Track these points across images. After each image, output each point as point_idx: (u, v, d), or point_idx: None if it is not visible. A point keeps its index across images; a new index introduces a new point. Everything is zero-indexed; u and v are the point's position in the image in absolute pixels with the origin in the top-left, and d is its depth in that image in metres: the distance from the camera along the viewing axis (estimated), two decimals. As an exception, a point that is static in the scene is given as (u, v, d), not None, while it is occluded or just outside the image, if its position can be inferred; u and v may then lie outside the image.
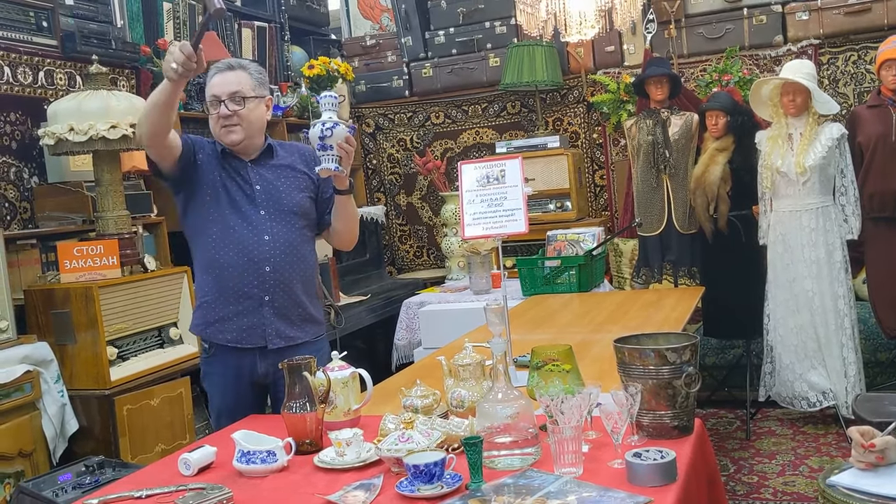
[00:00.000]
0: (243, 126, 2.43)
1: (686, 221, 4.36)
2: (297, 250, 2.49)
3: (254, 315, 2.43)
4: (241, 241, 2.42)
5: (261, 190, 2.47)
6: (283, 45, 5.51)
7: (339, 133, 2.28)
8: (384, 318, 5.03)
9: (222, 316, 2.45)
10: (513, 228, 2.45)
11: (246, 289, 2.43)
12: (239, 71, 2.45)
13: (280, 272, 2.45)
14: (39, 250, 3.52)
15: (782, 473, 3.70)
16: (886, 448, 1.95)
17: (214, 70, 2.47)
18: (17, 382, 3.02)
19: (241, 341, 2.45)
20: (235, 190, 2.46)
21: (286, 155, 2.57)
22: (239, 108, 2.41)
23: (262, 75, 2.51)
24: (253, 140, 2.49)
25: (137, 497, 1.77)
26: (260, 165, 2.51)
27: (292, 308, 2.49)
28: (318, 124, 2.29)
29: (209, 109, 2.46)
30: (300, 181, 2.55)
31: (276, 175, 2.52)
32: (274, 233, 2.45)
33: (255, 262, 2.42)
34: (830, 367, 3.96)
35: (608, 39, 5.23)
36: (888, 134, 4.03)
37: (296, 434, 1.96)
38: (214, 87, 2.43)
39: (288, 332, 2.48)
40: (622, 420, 1.71)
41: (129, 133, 3.37)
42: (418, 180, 6.00)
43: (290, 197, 2.51)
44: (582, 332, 3.15)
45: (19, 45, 3.68)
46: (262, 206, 2.46)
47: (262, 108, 2.49)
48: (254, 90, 2.45)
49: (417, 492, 1.62)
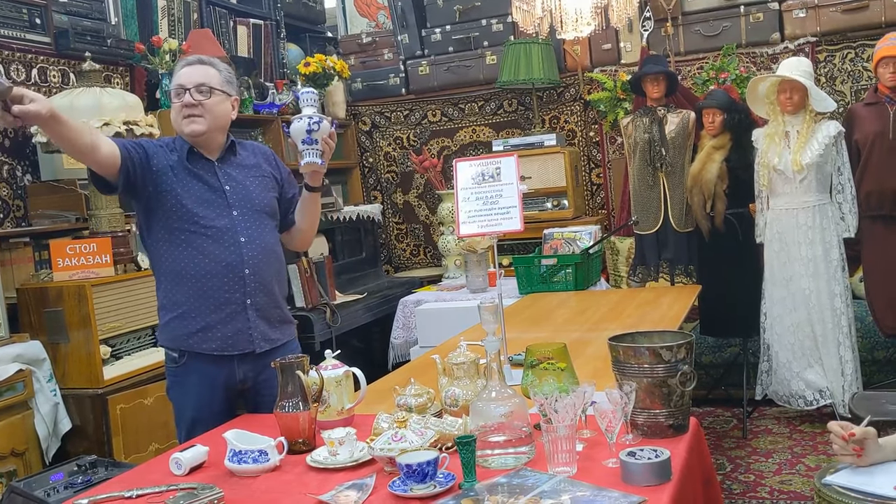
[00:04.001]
0: (206, 118, 2.34)
1: (683, 220, 4.35)
2: (272, 251, 2.44)
3: (238, 320, 2.36)
4: (216, 245, 2.33)
5: (231, 190, 2.39)
6: (279, 43, 5.49)
7: (325, 128, 2.27)
8: (381, 317, 5.02)
9: (205, 325, 2.34)
10: (508, 226, 2.44)
11: (227, 294, 2.34)
12: (208, 66, 2.39)
13: (259, 274, 2.38)
14: (32, 248, 3.51)
15: (779, 472, 3.69)
16: (866, 439, 1.96)
17: (183, 63, 2.41)
18: (10, 381, 3.01)
19: (226, 349, 2.36)
20: (204, 192, 2.37)
21: (249, 154, 2.50)
22: (204, 99, 2.34)
23: (230, 75, 2.45)
24: (215, 136, 2.40)
25: (128, 497, 1.75)
26: (226, 164, 2.43)
27: (272, 310, 2.44)
28: (305, 119, 2.26)
29: (173, 99, 2.38)
30: (267, 182, 2.49)
31: (244, 175, 2.45)
32: (249, 234, 2.38)
33: (234, 266, 2.34)
34: (827, 365, 3.95)
35: (605, 37, 5.22)
36: (885, 132, 4.02)
37: (288, 433, 1.95)
38: (181, 76, 2.36)
39: (271, 334, 2.43)
40: (616, 419, 1.70)
41: (122, 130, 3.35)
42: (415, 178, 5.99)
43: (261, 197, 2.45)
44: (578, 330, 3.13)
45: (12, 43, 3.66)
46: (235, 207, 2.39)
47: (228, 105, 2.41)
48: (221, 85, 2.39)
49: (410, 491, 1.60)
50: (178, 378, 2.41)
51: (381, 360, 4.88)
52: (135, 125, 3.42)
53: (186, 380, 2.39)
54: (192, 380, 2.38)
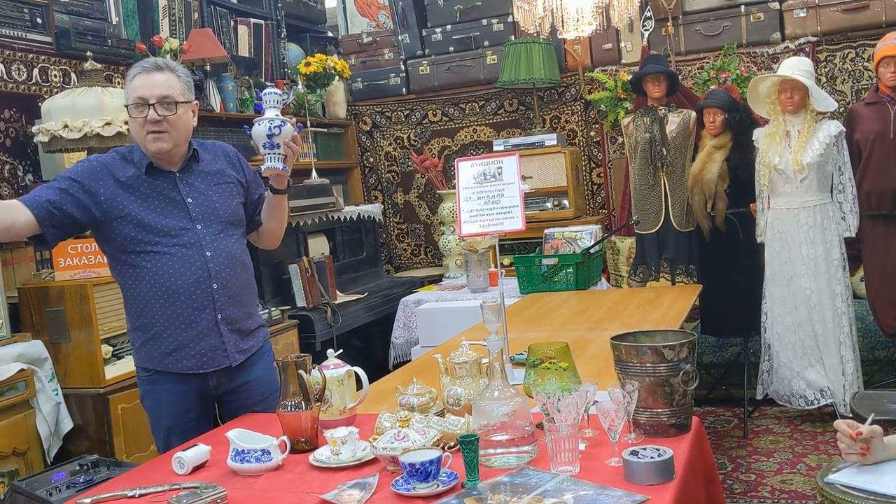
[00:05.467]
0: (171, 133, 2.24)
1: (683, 219, 4.35)
2: (239, 261, 2.37)
3: (211, 336, 2.29)
4: (181, 263, 2.25)
5: (193, 203, 2.30)
6: (280, 43, 5.49)
7: (286, 132, 2.19)
8: (381, 317, 5.02)
9: (178, 344, 2.28)
10: (510, 226, 2.44)
11: (197, 311, 2.27)
12: (168, 73, 2.26)
13: (227, 287, 2.31)
14: (33, 248, 3.51)
15: (780, 471, 3.69)
16: (872, 437, 1.96)
17: (140, 69, 2.27)
18: (11, 381, 3.00)
19: (202, 366, 2.30)
20: (165, 206, 2.27)
21: (211, 159, 2.39)
22: (169, 114, 2.23)
23: (189, 78, 2.33)
24: (179, 148, 2.30)
25: (131, 496, 1.75)
26: (188, 174, 2.33)
27: (244, 320, 2.38)
28: (265, 122, 2.19)
29: (131, 112, 2.25)
30: (231, 188, 2.39)
31: (206, 184, 2.35)
32: (214, 247, 2.29)
33: (201, 282, 2.27)
34: (828, 364, 3.95)
35: (605, 37, 5.22)
36: (886, 131, 4.02)
37: (291, 432, 1.95)
38: (141, 87, 2.23)
39: (243, 344, 2.37)
40: (619, 418, 1.70)
41: (123, 130, 3.35)
42: (415, 178, 5.99)
43: (225, 206, 2.35)
44: (579, 329, 3.13)
45: (14, 42, 3.66)
46: (198, 221, 2.30)
47: (190, 114, 2.31)
48: (183, 95, 2.27)
49: (413, 490, 1.61)
50: (151, 387, 2.36)
51: (382, 360, 4.88)
52: (136, 125, 3.42)
53: (160, 388, 2.33)
54: (165, 388, 2.33)
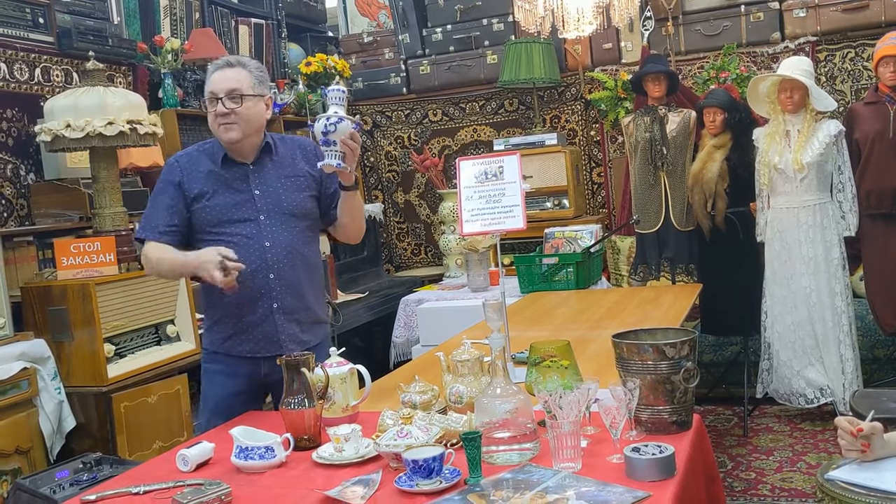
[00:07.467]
0: (240, 125, 2.36)
1: (683, 218, 4.36)
2: (299, 253, 2.44)
3: (267, 324, 2.40)
4: (241, 251, 2.32)
5: (260, 195, 2.41)
6: (280, 43, 5.50)
7: (342, 128, 2.21)
8: (382, 316, 5.03)
9: (237, 329, 2.41)
10: (511, 225, 2.44)
11: (256, 298, 2.38)
12: (238, 68, 2.39)
13: (285, 278, 2.40)
14: (36, 247, 3.51)
15: (780, 470, 3.70)
16: (873, 434, 1.97)
17: (214, 67, 2.41)
18: (14, 379, 3.01)
19: (258, 351, 2.41)
20: (234, 196, 2.41)
21: (286, 152, 2.50)
22: (236, 107, 2.35)
23: (262, 73, 2.45)
24: (251, 139, 2.41)
25: (135, 493, 1.77)
26: (260, 167, 2.45)
27: (302, 311, 2.45)
28: (323, 119, 2.23)
29: (207, 107, 2.41)
30: (301, 181, 2.48)
31: (276, 176, 2.45)
32: (274, 238, 2.39)
33: (259, 271, 2.37)
34: (828, 363, 3.96)
35: (606, 36, 5.23)
36: (886, 130, 4.03)
37: (294, 430, 1.96)
38: (213, 84, 2.38)
39: (301, 336, 2.45)
40: (620, 415, 1.71)
41: (125, 130, 3.36)
42: (416, 178, 6.00)
43: (291, 199, 2.45)
44: (579, 328, 3.14)
45: (16, 42, 3.67)
46: (262, 211, 2.40)
47: (261, 106, 2.42)
48: (252, 88, 2.38)
49: (416, 487, 1.62)
50: (207, 366, 2.52)
51: (383, 359, 4.89)
52: (138, 124, 3.43)
53: (214, 368, 2.49)
54: (218, 368, 2.48)
